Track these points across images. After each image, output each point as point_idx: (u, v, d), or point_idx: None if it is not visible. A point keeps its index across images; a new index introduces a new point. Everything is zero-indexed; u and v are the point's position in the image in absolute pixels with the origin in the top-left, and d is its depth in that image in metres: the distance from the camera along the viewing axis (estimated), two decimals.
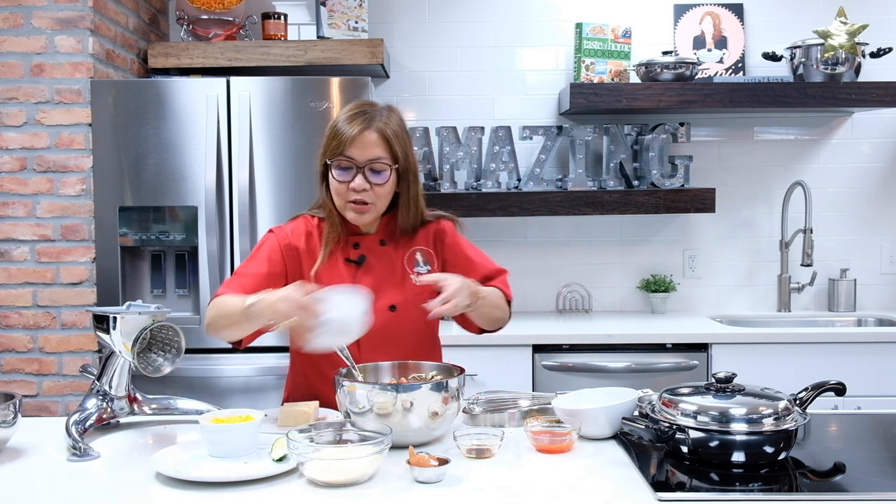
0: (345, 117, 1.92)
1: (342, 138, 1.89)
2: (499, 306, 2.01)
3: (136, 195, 2.99)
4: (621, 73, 3.52)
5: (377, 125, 1.90)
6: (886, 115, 3.70)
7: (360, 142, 1.88)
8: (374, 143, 1.89)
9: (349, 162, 1.89)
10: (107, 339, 1.76)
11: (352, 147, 1.88)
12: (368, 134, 1.89)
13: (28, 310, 2.99)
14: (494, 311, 2.00)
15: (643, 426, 1.62)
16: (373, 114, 1.92)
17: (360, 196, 1.90)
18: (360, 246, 1.99)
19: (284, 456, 1.56)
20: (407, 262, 2.00)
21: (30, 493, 1.50)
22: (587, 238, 3.73)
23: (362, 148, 1.89)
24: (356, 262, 1.98)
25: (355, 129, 1.88)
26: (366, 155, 1.89)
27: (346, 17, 3.46)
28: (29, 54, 2.95)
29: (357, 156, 1.89)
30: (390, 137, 1.91)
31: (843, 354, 3.09)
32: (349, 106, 1.96)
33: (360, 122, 1.89)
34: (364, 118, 1.90)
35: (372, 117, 1.91)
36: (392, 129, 1.92)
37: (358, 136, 1.88)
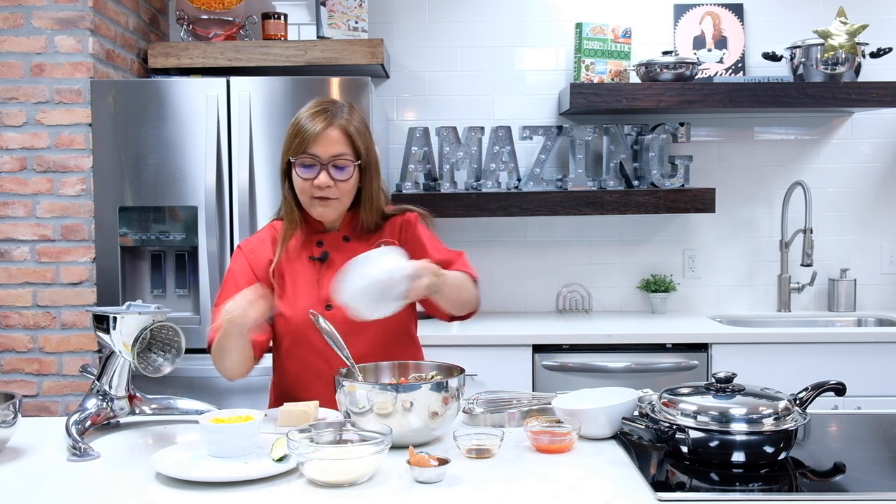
0: (307, 115, 1.93)
1: (305, 136, 1.91)
2: (464, 287, 1.95)
3: (136, 195, 2.99)
4: (621, 73, 3.52)
5: (339, 122, 1.92)
6: (886, 115, 3.70)
7: (323, 139, 1.90)
8: (336, 139, 1.91)
9: (312, 159, 1.91)
10: (107, 339, 1.76)
11: (315, 145, 1.90)
12: (331, 131, 1.91)
13: (28, 310, 2.99)
14: (461, 293, 1.94)
15: (643, 426, 1.62)
16: (334, 111, 1.94)
17: (324, 192, 1.92)
18: (323, 244, 2.01)
19: (284, 456, 1.56)
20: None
21: (30, 493, 1.50)
22: (587, 238, 3.73)
23: (325, 145, 1.91)
24: (319, 260, 2.00)
25: (318, 126, 1.90)
26: (329, 151, 1.91)
27: (346, 17, 3.46)
28: (29, 54, 2.96)
29: (320, 153, 1.91)
30: (352, 134, 1.93)
31: (843, 354, 3.09)
32: (310, 103, 1.97)
33: (322, 120, 1.91)
34: (326, 115, 1.92)
35: (334, 114, 1.93)
36: (354, 126, 1.94)
37: (321, 134, 1.90)
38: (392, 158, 3.66)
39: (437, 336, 3.09)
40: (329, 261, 1.99)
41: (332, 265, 1.97)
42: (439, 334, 3.14)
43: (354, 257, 1.75)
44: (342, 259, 1.95)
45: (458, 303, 1.95)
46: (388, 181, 3.62)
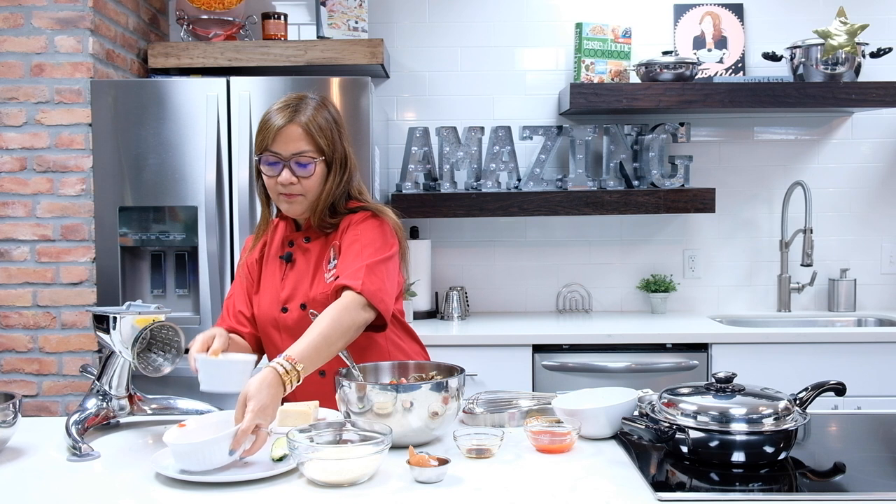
0: (272, 111, 1.94)
1: (267, 133, 1.92)
2: (334, 339, 1.74)
3: (136, 195, 2.99)
4: (621, 73, 3.52)
5: (300, 119, 1.91)
6: (886, 115, 3.70)
7: (284, 136, 1.91)
8: (297, 136, 1.91)
9: (275, 157, 1.92)
10: (107, 339, 1.76)
11: (276, 142, 1.91)
12: (291, 128, 1.91)
13: (28, 310, 2.99)
14: (331, 349, 1.74)
15: (643, 426, 1.62)
16: (298, 107, 1.93)
17: (288, 190, 1.93)
18: (294, 244, 2.04)
19: (284, 456, 1.56)
20: (326, 260, 1.99)
21: (30, 493, 1.50)
22: (587, 238, 3.73)
23: (286, 142, 1.91)
24: (285, 259, 2.03)
25: (279, 122, 1.91)
26: (290, 149, 1.91)
27: (346, 17, 3.46)
28: (29, 54, 2.96)
29: (282, 150, 1.92)
30: (314, 131, 1.92)
31: (843, 354, 3.09)
32: (280, 99, 1.98)
33: (283, 117, 1.92)
34: (288, 112, 1.92)
35: (297, 110, 1.92)
36: (318, 123, 1.92)
37: (281, 131, 1.91)
38: (392, 158, 3.66)
39: (437, 336, 3.09)
40: (292, 261, 2.02)
41: (294, 265, 2.01)
42: (439, 334, 3.14)
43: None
44: (303, 260, 2.01)
45: (332, 355, 1.77)
46: (388, 181, 3.62)
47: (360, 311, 1.80)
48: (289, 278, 2.01)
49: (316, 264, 1.99)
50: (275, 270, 2.04)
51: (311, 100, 1.96)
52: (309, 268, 2.00)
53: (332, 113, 1.98)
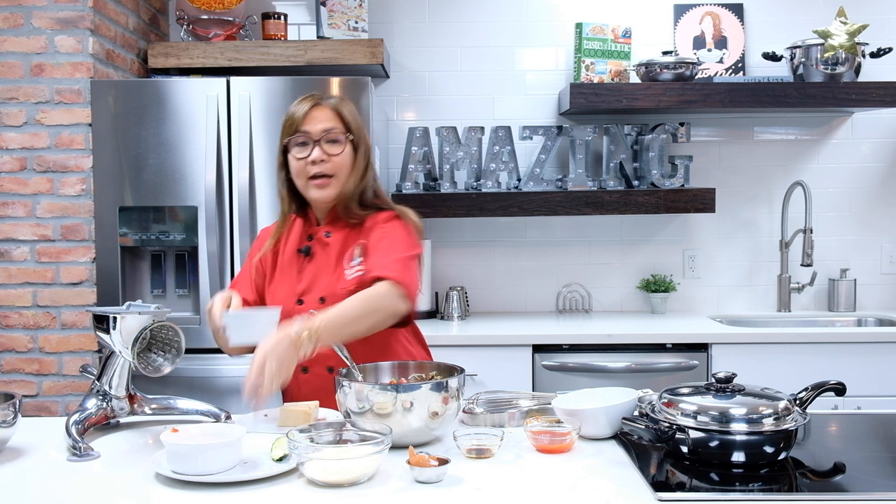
0: (296, 103, 2.02)
1: (295, 118, 1.98)
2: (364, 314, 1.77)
3: (136, 195, 2.99)
4: (621, 73, 3.52)
5: (327, 102, 2.01)
6: (886, 115, 3.70)
7: (312, 117, 1.98)
8: (326, 116, 1.99)
9: (305, 136, 1.97)
10: (107, 339, 1.76)
11: (305, 123, 1.97)
12: (319, 109, 1.99)
13: (28, 310, 2.99)
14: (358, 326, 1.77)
15: (643, 426, 1.62)
16: (323, 95, 2.03)
17: (320, 168, 1.96)
18: (312, 238, 2.05)
19: (284, 456, 1.56)
20: (347, 257, 2.00)
21: (30, 493, 1.50)
22: (587, 238, 3.73)
23: (315, 122, 1.98)
24: (303, 252, 2.04)
25: (306, 106, 1.99)
26: (319, 127, 1.97)
27: (346, 17, 3.46)
28: (29, 54, 2.96)
29: (311, 129, 1.97)
30: (341, 111, 2.00)
31: (843, 354, 3.09)
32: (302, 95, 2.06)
33: (310, 101, 2.00)
34: (314, 97, 2.01)
35: (321, 97, 2.02)
36: (344, 105, 2.02)
37: (310, 112, 1.98)
38: (392, 158, 3.66)
39: (438, 336, 3.09)
40: (311, 255, 2.03)
41: (314, 259, 2.02)
42: (439, 334, 3.14)
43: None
44: (322, 254, 2.01)
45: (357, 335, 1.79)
46: (388, 181, 3.62)
47: (397, 300, 1.81)
48: (306, 272, 2.02)
49: (336, 259, 2.00)
50: (291, 264, 2.04)
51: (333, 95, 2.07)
52: (328, 262, 2.00)
53: (355, 109, 2.07)
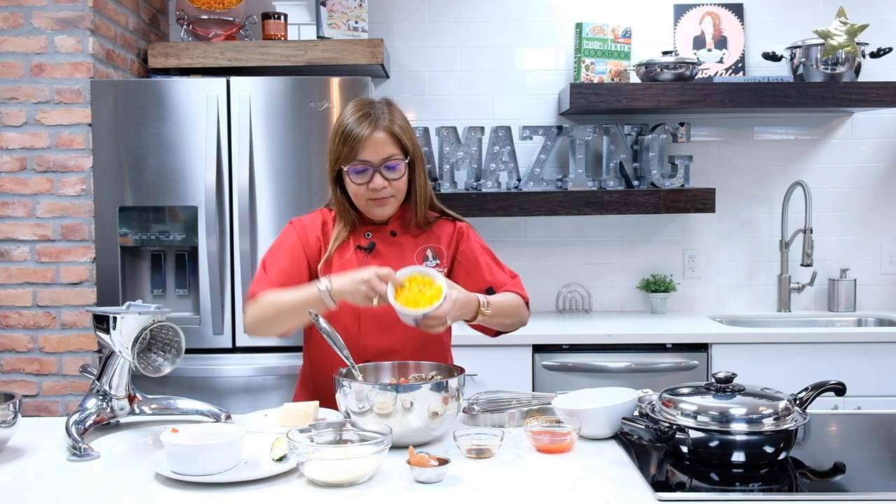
0: (352, 120, 1.95)
1: (354, 143, 1.92)
2: (511, 313, 2.01)
3: (136, 195, 2.99)
4: (621, 73, 3.52)
5: (383, 124, 1.95)
6: (886, 115, 3.70)
7: (372, 144, 1.93)
8: (384, 142, 1.94)
9: (364, 164, 1.93)
10: (107, 339, 1.76)
11: (364, 150, 1.93)
12: (378, 135, 1.93)
13: (28, 310, 2.99)
14: (506, 320, 2.01)
15: (643, 426, 1.62)
16: (377, 113, 1.96)
17: (381, 193, 1.95)
18: (371, 235, 2.04)
19: (284, 456, 1.56)
20: (417, 257, 2.04)
21: (30, 493, 1.50)
22: (587, 238, 3.73)
23: (375, 149, 1.93)
24: (366, 249, 2.01)
25: (365, 131, 1.92)
26: (380, 155, 1.94)
27: (346, 17, 3.46)
28: (29, 54, 2.95)
29: (371, 157, 1.93)
30: (398, 133, 1.96)
31: (843, 354, 3.09)
32: (351, 108, 1.98)
33: (367, 125, 1.93)
34: (370, 119, 1.94)
35: (377, 117, 1.95)
36: (398, 125, 1.97)
37: (369, 139, 1.92)
38: None
39: None
40: (375, 252, 2.01)
41: (378, 256, 2.01)
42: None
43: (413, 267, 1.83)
44: (388, 252, 2.01)
45: (503, 326, 2.04)
46: None
47: (526, 315, 2.09)
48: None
49: (403, 258, 2.01)
50: (349, 259, 2.00)
51: (381, 103, 2.00)
52: (395, 260, 1.99)
53: (402, 113, 2.03)
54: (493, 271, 2.08)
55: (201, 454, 1.50)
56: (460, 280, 2.02)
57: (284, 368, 2.96)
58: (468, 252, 2.08)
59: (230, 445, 1.53)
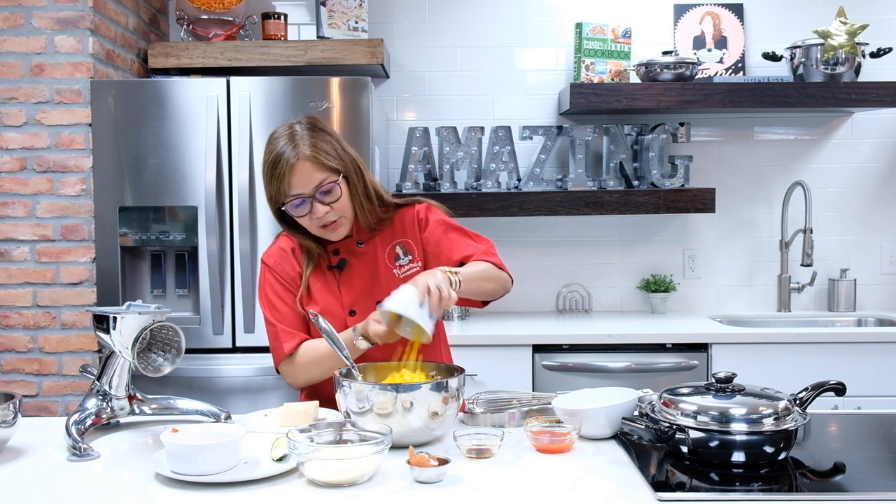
0: (273, 156, 1.90)
1: (280, 181, 1.88)
2: (488, 278, 1.97)
3: (136, 195, 2.99)
4: (621, 73, 3.52)
5: (305, 153, 1.88)
6: (886, 115, 3.70)
7: (299, 176, 1.88)
8: (311, 170, 1.89)
9: (299, 197, 1.90)
10: (107, 339, 1.76)
11: (293, 185, 1.89)
12: (300, 165, 1.88)
13: (28, 310, 2.99)
14: (484, 285, 1.96)
15: (643, 426, 1.62)
16: (295, 142, 1.89)
17: (325, 220, 1.93)
18: (339, 252, 2.03)
19: (284, 456, 1.56)
20: (388, 257, 2.03)
21: (30, 493, 1.50)
22: (587, 238, 3.73)
23: (304, 180, 1.89)
24: (337, 267, 2.01)
25: (285, 168, 1.87)
26: (310, 184, 1.90)
27: (346, 17, 3.46)
28: (29, 54, 2.95)
29: (303, 189, 1.90)
30: (320, 157, 1.90)
31: (843, 354, 3.09)
32: (271, 141, 1.93)
33: (288, 158, 1.87)
34: (290, 151, 1.88)
35: (297, 145, 1.89)
36: (319, 148, 1.90)
37: (294, 171, 1.88)
38: (392, 158, 3.66)
39: None
40: (347, 267, 2.01)
41: (351, 270, 2.01)
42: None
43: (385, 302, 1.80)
44: (360, 263, 2.00)
45: (482, 294, 1.98)
46: (388, 181, 3.63)
47: (506, 277, 2.01)
48: (347, 284, 2.00)
49: (376, 264, 2.01)
50: (325, 281, 2.00)
51: (301, 127, 1.93)
52: (370, 269, 2.00)
53: (324, 128, 1.96)
54: (460, 246, 2.03)
55: (201, 454, 1.50)
56: (431, 264, 2.01)
57: None
58: (430, 236, 2.05)
59: (230, 445, 1.53)
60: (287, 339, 1.97)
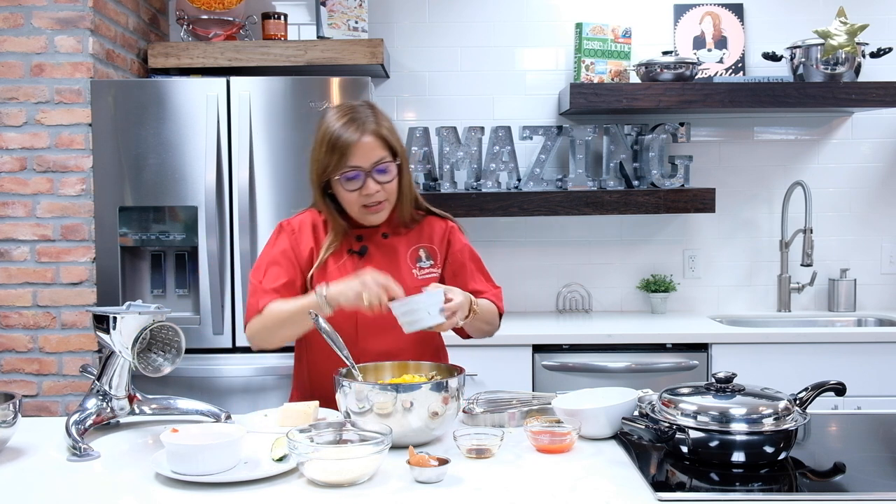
0: (338, 126, 1.92)
1: (343, 149, 1.91)
2: (489, 321, 2.05)
3: (136, 195, 2.99)
4: (621, 73, 3.52)
5: (371, 127, 1.93)
6: (886, 115, 3.70)
7: (362, 149, 1.91)
8: (374, 146, 1.93)
9: (355, 170, 1.92)
10: (107, 339, 1.76)
11: (354, 156, 1.91)
12: (366, 139, 1.92)
13: (28, 310, 2.99)
14: (484, 326, 2.04)
15: (643, 426, 1.62)
16: (363, 118, 1.94)
17: (374, 198, 1.94)
18: (363, 238, 2.03)
19: (284, 456, 1.56)
20: (410, 257, 2.04)
21: (30, 493, 1.50)
22: (587, 238, 3.73)
23: (365, 154, 1.92)
24: (358, 253, 2.01)
25: (353, 136, 1.91)
26: (370, 159, 1.93)
27: (346, 17, 3.46)
28: (29, 54, 2.95)
29: (362, 162, 1.92)
30: (386, 136, 1.95)
31: (843, 354, 3.09)
32: (335, 114, 1.96)
33: (355, 129, 1.91)
34: (357, 124, 1.92)
35: (364, 121, 1.93)
36: (386, 127, 1.97)
37: (358, 144, 1.91)
38: None
39: None
40: (368, 255, 2.01)
41: (371, 259, 2.00)
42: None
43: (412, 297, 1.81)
44: (381, 254, 2.01)
45: (478, 331, 2.05)
46: None
47: (497, 326, 2.10)
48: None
49: (397, 259, 2.01)
50: (343, 264, 2.00)
51: (363, 106, 1.98)
52: (390, 262, 2.00)
53: (386, 113, 2.02)
54: (476, 279, 2.11)
55: (201, 454, 1.50)
56: (447, 281, 2.05)
57: (284, 368, 2.96)
58: (458, 255, 2.10)
59: (230, 445, 1.53)
60: (263, 297, 1.95)
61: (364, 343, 1.97)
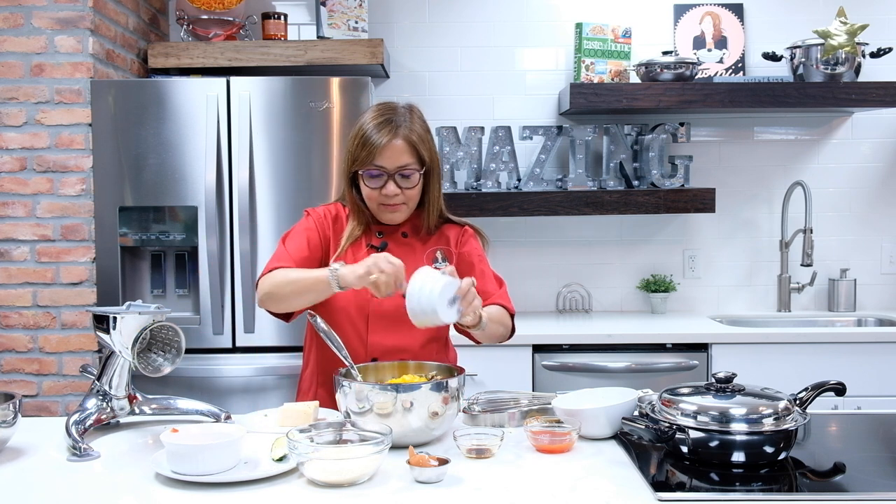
0: (372, 125, 1.95)
1: (371, 148, 1.93)
2: (501, 323, 2.02)
3: (136, 195, 2.99)
4: (621, 73, 3.52)
5: (403, 132, 1.95)
6: (886, 115, 3.70)
7: (389, 151, 1.94)
8: (401, 150, 1.95)
9: (379, 170, 1.95)
10: (107, 339, 1.76)
11: (381, 157, 1.94)
12: (396, 142, 1.94)
13: (28, 310, 2.99)
14: (496, 330, 2.01)
15: (643, 426, 1.62)
16: (398, 120, 1.96)
17: (392, 200, 1.97)
18: (383, 234, 2.05)
19: (284, 456, 1.56)
20: (427, 258, 2.05)
21: (30, 493, 1.50)
22: (587, 238, 3.73)
23: (391, 156, 1.94)
24: (378, 249, 2.02)
25: (383, 138, 1.93)
26: (395, 163, 1.95)
27: (346, 17, 3.46)
28: (29, 54, 2.95)
29: (387, 164, 1.94)
30: (416, 143, 1.97)
31: (843, 354, 3.09)
32: (373, 112, 1.99)
33: (387, 132, 1.94)
34: (390, 126, 1.95)
35: (398, 124, 1.96)
36: (417, 134, 1.98)
37: (386, 146, 1.93)
38: None
39: None
40: (386, 251, 2.01)
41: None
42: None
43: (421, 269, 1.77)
44: (399, 252, 1.99)
45: (493, 337, 2.00)
46: None
47: (509, 330, 2.05)
48: None
49: (414, 258, 2.01)
50: (359, 258, 1.98)
51: (404, 109, 2.00)
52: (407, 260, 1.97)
53: (424, 120, 2.03)
54: (484, 279, 2.10)
55: (201, 454, 1.50)
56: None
57: (284, 368, 2.97)
58: (466, 255, 2.11)
59: (230, 445, 1.53)
60: (283, 260, 1.96)
61: (374, 337, 1.98)
